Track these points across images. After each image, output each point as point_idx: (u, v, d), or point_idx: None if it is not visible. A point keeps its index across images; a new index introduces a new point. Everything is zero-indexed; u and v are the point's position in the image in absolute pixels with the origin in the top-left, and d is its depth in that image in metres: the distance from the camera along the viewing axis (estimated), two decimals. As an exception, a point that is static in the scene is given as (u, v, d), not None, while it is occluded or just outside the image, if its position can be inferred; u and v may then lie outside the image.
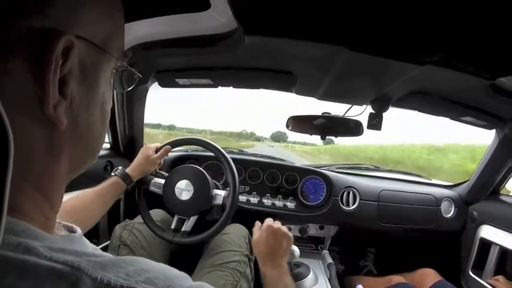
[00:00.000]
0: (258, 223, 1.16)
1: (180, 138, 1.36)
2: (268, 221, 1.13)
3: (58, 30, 0.30)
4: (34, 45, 0.29)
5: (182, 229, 1.27)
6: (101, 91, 0.38)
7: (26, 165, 0.32)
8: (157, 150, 1.27)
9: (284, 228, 1.10)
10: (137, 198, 1.28)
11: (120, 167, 1.17)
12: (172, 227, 1.29)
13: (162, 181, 1.30)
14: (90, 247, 0.38)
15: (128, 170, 1.17)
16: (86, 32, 0.34)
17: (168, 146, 1.29)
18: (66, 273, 0.30)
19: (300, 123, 1.53)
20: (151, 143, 1.37)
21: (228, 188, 1.25)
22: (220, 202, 1.18)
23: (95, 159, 0.43)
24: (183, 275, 0.38)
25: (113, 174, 1.15)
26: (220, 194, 1.27)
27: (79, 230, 0.41)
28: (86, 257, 0.32)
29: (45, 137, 0.33)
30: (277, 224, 1.11)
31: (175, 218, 1.30)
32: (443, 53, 0.79)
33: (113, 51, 0.39)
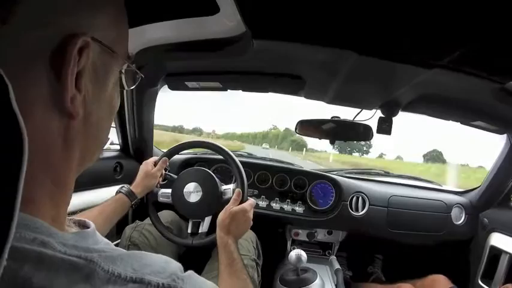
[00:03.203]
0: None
1: (176, 145, 1.36)
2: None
3: (78, 32, 0.34)
4: (57, 46, 0.33)
5: (199, 231, 1.27)
6: (109, 89, 0.42)
7: (44, 158, 0.34)
8: (155, 163, 1.28)
9: (244, 212, 1.08)
10: (149, 213, 1.29)
11: (125, 185, 1.18)
12: (189, 231, 1.29)
13: (169, 190, 1.30)
14: (102, 242, 0.39)
15: (132, 188, 1.18)
16: (99, 35, 0.37)
17: (165, 158, 1.30)
18: (81, 266, 0.31)
19: (309, 127, 1.53)
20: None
21: (236, 181, 1.24)
22: (231, 195, 1.18)
23: (100, 153, 0.46)
24: (179, 265, 0.41)
25: (117, 191, 1.16)
26: (229, 187, 1.27)
27: (92, 225, 0.43)
28: (96, 252, 0.34)
29: (62, 129, 0.35)
30: (243, 207, 1.09)
31: (190, 222, 1.30)
32: (451, 57, 0.78)
33: (120, 54, 0.42)
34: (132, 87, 0.52)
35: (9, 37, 0.30)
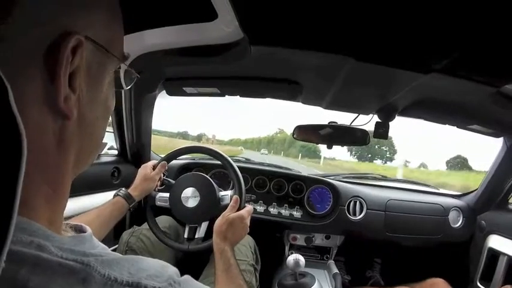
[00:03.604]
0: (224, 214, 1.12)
1: (175, 150, 1.36)
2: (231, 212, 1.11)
3: (71, 31, 0.34)
4: (50, 45, 0.33)
5: (196, 236, 1.27)
6: (104, 89, 0.42)
7: (40, 159, 0.34)
8: (154, 167, 1.28)
9: (241, 219, 1.09)
10: (147, 217, 1.29)
11: (123, 188, 1.18)
12: (186, 236, 1.29)
13: (167, 194, 1.30)
14: (99, 247, 0.39)
15: (130, 191, 1.18)
16: (93, 34, 0.37)
17: (164, 162, 1.30)
18: (77, 269, 0.31)
19: (306, 132, 1.54)
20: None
21: (234, 187, 1.24)
22: (229, 201, 1.18)
23: (96, 156, 0.46)
24: (175, 269, 0.41)
25: (115, 194, 1.16)
26: (226, 194, 1.27)
27: (89, 230, 0.42)
28: (93, 256, 0.33)
29: (57, 129, 0.35)
30: (240, 214, 1.10)
31: (187, 227, 1.30)
32: (447, 61, 0.79)
33: (115, 54, 0.42)
34: (128, 87, 0.52)
35: (7, 38, 0.29)
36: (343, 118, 1.47)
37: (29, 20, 0.31)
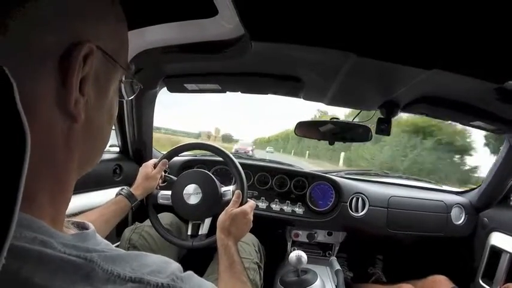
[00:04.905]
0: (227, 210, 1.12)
1: (175, 147, 1.36)
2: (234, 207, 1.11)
3: (83, 40, 0.36)
4: (64, 51, 0.34)
5: (199, 233, 1.27)
6: (110, 97, 0.43)
7: (47, 156, 0.35)
8: (155, 165, 1.28)
9: (244, 214, 1.09)
10: (149, 215, 1.29)
11: (125, 187, 1.18)
12: (189, 233, 1.29)
13: (169, 192, 1.30)
14: (102, 243, 0.40)
15: (132, 190, 1.18)
16: (102, 44, 0.38)
17: (165, 160, 1.30)
18: (80, 265, 0.32)
19: (307, 128, 1.54)
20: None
21: (236, 183, 1.24)
22: (231, 197, 1.18)
23: (99, 159, 0.47)
24: (178, 265, 0.42)
25: (117, 193, 1.16)
26: (228, 189, 1.27)
27: (92, 227, 0.43)
28: (96, 252, 0.34)
29: (65, 130, 0.36)
30: (242, 209, 1.10)
31: (190, 224, 1.30)
32: (449, 57, 0.78)
33: (121, 63, 0.44)
34: (131, 98, 0.54)
35: (20, 38, 0.31)
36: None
37: (43, 24, 0.33)
